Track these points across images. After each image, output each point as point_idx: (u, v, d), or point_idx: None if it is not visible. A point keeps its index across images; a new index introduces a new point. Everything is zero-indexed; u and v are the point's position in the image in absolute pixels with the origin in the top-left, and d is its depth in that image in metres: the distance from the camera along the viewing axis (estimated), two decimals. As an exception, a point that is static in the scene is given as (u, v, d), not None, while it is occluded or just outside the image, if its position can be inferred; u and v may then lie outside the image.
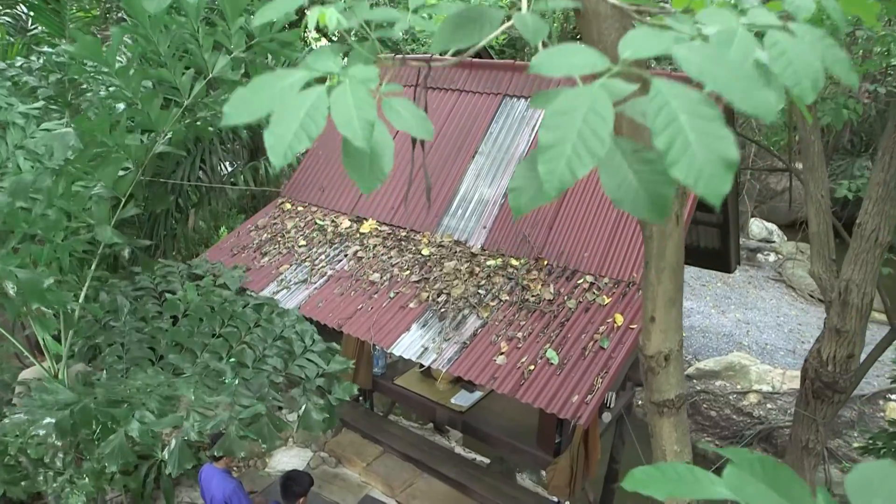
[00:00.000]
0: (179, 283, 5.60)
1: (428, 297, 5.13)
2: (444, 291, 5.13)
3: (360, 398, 7.80)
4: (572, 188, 5.51)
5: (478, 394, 7.08)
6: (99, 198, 4.36)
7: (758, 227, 16.75)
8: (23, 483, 4.62)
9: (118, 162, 4.28)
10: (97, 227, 4.27)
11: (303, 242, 6.22)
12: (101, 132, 3.96)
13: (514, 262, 5.30)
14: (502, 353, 4.53)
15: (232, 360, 4.20)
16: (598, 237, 5.16)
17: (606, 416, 6.08)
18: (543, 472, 8.22)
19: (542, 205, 1.12)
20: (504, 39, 14.29)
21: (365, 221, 6.28)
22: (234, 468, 5.95)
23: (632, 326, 4.49)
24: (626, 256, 4.98)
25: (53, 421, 3.15)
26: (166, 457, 3.47)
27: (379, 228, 6.14)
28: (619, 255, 5.01)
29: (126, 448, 3.40)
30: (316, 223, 6.44)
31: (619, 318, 4.55)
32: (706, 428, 10.41)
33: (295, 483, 4.96)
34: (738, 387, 10.83)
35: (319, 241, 6.18)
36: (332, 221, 6.40)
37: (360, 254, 5.84)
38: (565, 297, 4.86)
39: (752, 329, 12.33)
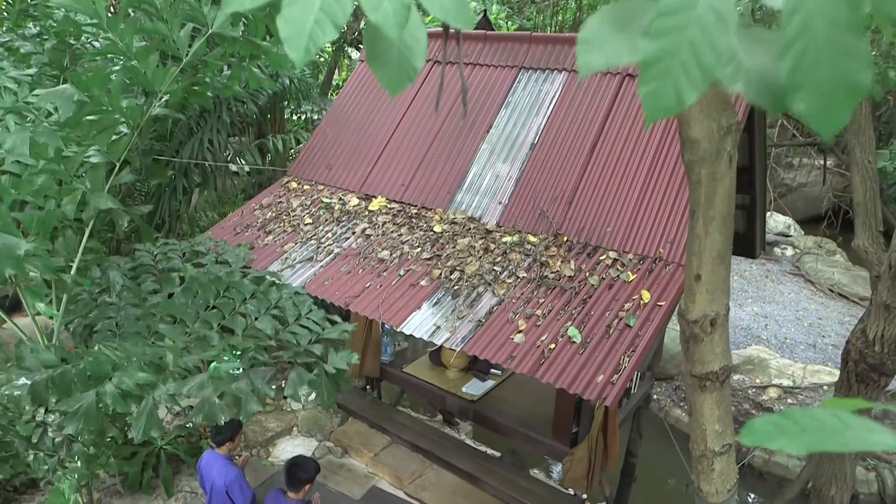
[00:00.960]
0: (180, 260, 5.34)
1: (440, 274, 4.84)
2: (458, 268, 4.84)
3: (368, 387, 7.52)
4: (594, 158, 5.20)
5: (490, 382, 6.79)
6: (93, 163, 4.10)
7: (774, 220, 16.37)
8: (10, 463, 4.37)
9: (113, 124, 4.01)
10: (91, 193, 4.01)
11: (308, 220, 5.94)
12: (98, 87, 3.69)
13: (531, 238, 5.00)
14: (520, 332, 4.23)
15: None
16: (621, 211, 4.86)
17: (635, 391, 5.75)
18: (557, 470, 7.94)
19: (618, 64, 0.82)
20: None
21: (374, 199, 6.00)
22: (237, 456, 5.69)
23: (660, 303, 4.19)
24: (651, 231, 4.68)
25: (28, 382, 2.87)
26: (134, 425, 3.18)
27: (388, 206, 5.85)
28: (644, 230, 4.71)
29: (94, 412, 3.12)
30: (322, 201, 6.16)
31: (646, 295, 4.25)
32: (724, 423, 10.05)
33: (301, 469, 4.68)
34: (758, 381, 10.49)
35: (326, 220, 5.90)
36: (340, 199, 6.12)
37: (368, 231, 5.56)
38: (587, 274, 4.56)
39: (770, 323, 11.97)
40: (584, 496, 6.02)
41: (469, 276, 4.75)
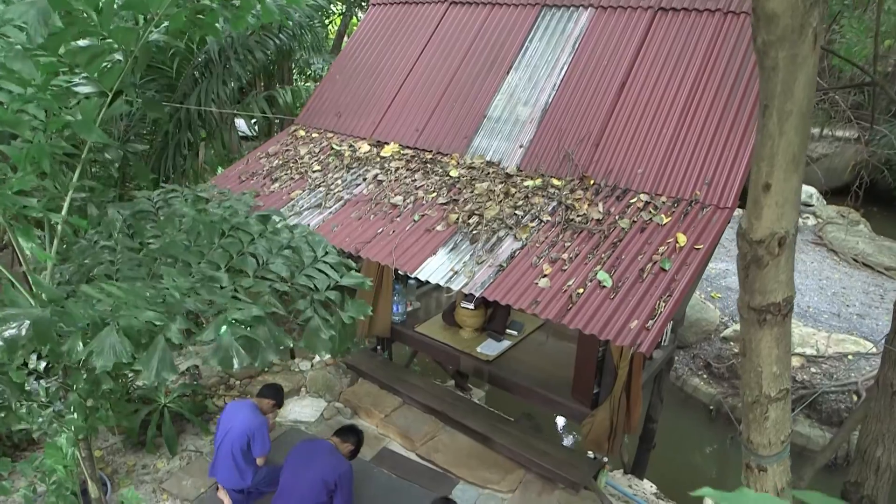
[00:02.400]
0: (183, 205, 5.05)
1: (458, 218, 4.52)
2: (476, 213, 4.51)
3: (378, 347, 7.26)
4: (623, 98, 4.84)
5: (506, 343, 6.50)
6: (82, 92, 3.78)
7: (796, 189, 15.85)
8: (3, 414, 4.13)
9: (104, 50, 3.68)
10: (79, 125, 3.70)
11: (317, 168, 5.62)
12: (84, 3, 3.36)
13: (555, 182, 4.66)
14: (545, 276, 3.91)
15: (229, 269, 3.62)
16: (653, 152, 4.50)
17: (657, 353, 5.46)
18: (568, 442, 7.68)
19: None
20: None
21: (386, 145, 5.66)
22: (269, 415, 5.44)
23: (697, 247, 3.85)
24: (686, 172, 4.32)
25: (27, 322, 2.59)
26: (143, 369, 2.89)
27: (401, 152, 5.52)
28: (678, 172, 4.36)
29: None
30: (332, 148, 5.84)
31: (682, 238, 3.91)
32: (744, 392, 9.75)
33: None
34: (780, 350, 10.15)
35: (336, 167, 5.58)
36: (350, 146, 5.79)
37: (380, 177, 5.23)
38: (616, 217, 4.22)
39: (792, 291, 11.58)
40: (605, 459, 5.75)
41: (488, 220, 4.42)
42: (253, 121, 10.40)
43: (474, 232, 4.36)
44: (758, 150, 2.04)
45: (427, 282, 7.79)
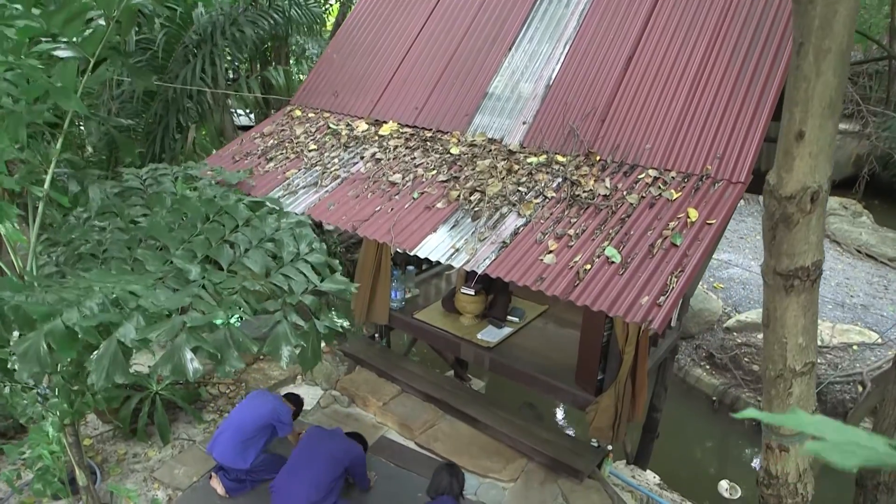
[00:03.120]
0: (172, 184, 4.87)
1: (459, 195, 4.35)
2: (478, 189, 4.34)
3: (376, 335, 7.09)
4: (630, 72, 4.66)
5: (507, 329, 6.34)
6: (61, 58, 3.59)
7: (798, 180, 15.69)
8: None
9: (81, 10, 3.48)
10: (59, 93, 3.51)
11: (313, 147, 5.44)
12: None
13: (560, 158, 4.49)
14: (550, 252, 3.74)
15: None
16: (662, 127, 4.33)
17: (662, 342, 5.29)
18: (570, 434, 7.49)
19: None
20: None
21: (384, 124, 5.48)
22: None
23: (709, 222, 3.68)
24: (697, 147, 4.15)
25: None
26: (93, 366, 2.72)
27: (400, 130, 5.34)
28: (688, 146, 4.19)
29: (41, 355, 2.66)
30: (329, 127, 5.66)
31: (694, 213, 3.75)
32: (748, 383, 9.62)
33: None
34: (784, 340, 10.01)
35: (332, 146, 5.40)
36: (348, 125, 5.61)
37: (378, 155, 5.06)
38: (624, 193, 4.05)
39: (796, 282, 11.43)
40: (609, 447, 5.59)
41: (491, 197, 4.25)
42: (249, 110, 10.22)
43: (476, 209, 4.19)
44: (790, 94, 1.87)
45: (426, 268, 7.68)
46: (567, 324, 6.56)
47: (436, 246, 4.02)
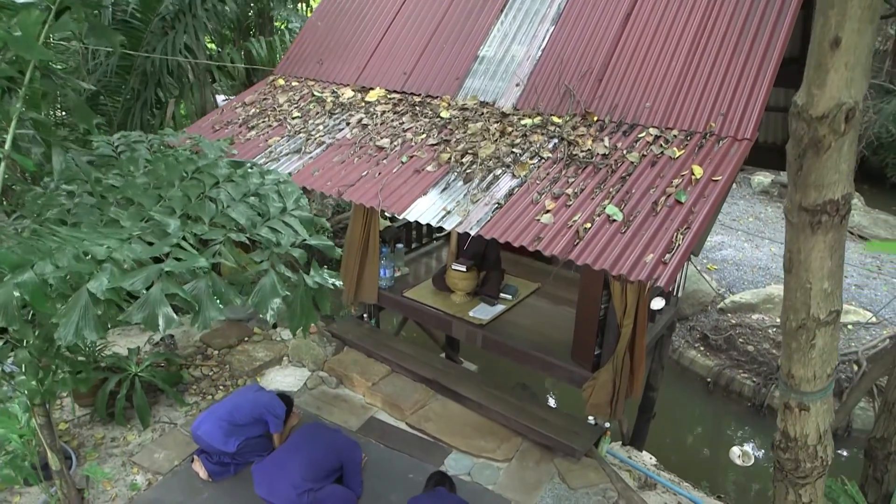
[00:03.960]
0: (148, 153, 4.61)
1: (450, 157, 4.13)
2: (470, 152, 4.12)
3: (365, 315, 6.87)
4: (628, 29, 4.45)
5: (500, 307, 6.14)
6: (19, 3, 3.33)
7: (789, 164, 15.62)
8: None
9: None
10: (19, 43, 3.25)
11: (297, 114, 5.20)
12: None
13: (555, 119, 4.28)
14: (548, 212, 3.54)
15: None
16: (662, 84, 4.13)
17: (658, 303, 5.11)
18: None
19: None
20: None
21: (371, 91, 5.25)
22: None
23: (714, 179, 3.49)
24: (700, 105, 3.96)
25: None
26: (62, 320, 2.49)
27: (388, 96, 5.11)
28: (689, 104, 3.99)
29: (10, 308, 2.43)
30: (314, 95, 5.41)
31: (698, 170, 3.55)
32: (742, 364, 9.49)
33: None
34: (778, 320, 9.89)
35: (317, 113, 5.16)
36: (333, 92, 5.37)
37: (364, 121, 4.83)
38: (624, 152, 3.85)
39: (789, 263, 11.33)
40: (607, 425, 5.41)
41: (483, 159, 4.04)
42: (234, 85, 9.92)
43: (468, 171, 3.97)
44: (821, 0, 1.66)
45: (416, 247, 7.46)
46: (561, 301, 6.37)
47: (426, 209, 3.80)
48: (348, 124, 4.83)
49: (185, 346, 6.65)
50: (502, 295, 6.31)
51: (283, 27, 9.30)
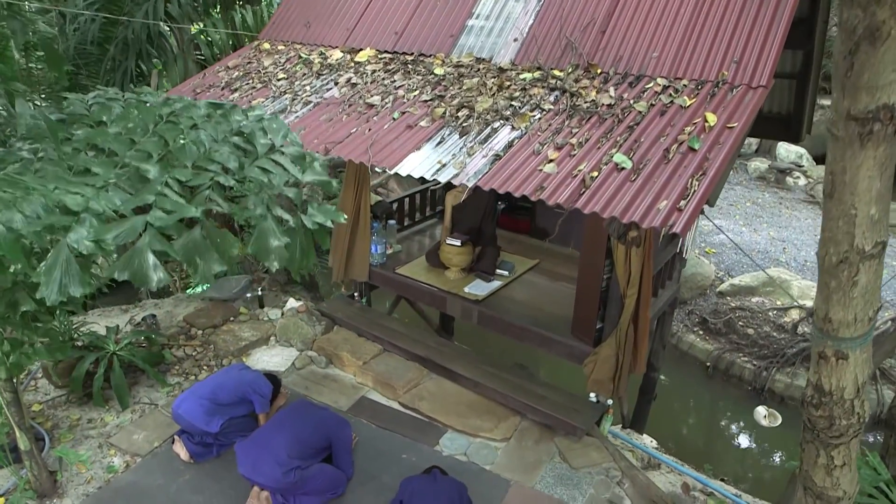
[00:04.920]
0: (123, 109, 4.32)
1: (444, 112, 3.87)
2: (466, 105, 3.86)
3: (356, 294, 6.61)
4: (634, -23, 4.20)
5: (496, 283, 5.90)
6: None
7: (786, 150, 15.54)
8: None
9: None
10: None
11: (282, 76, 4.93)
12: None
13: (556, 73, 4.03)
14: (551, 161, 3.29)
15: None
16: (670, 33, 3.89)
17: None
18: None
19: None
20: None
21: (361, 52, 4.97)
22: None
23: (730, 126, 3.25)
24: (711, 53, 3.72)
25: None
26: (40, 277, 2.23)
27: (378, 56, 4.84)
28: (700, 52, 3.75)
29: None
30: (300, 57, 5.14)
31: (712, 117, 3.31)
32: (742, 347, 9.28)
33: None
34: (779, 303, 9.70)
35: (304, 74, 4.89)
36: (321, 54, 5.10)
37: (354, 80, 4.56)
38: (631, 101, 3.60)
39: (788, 246, 11.18)
40: (609, 402, 5.17)
41: (480, 112, 3.78)
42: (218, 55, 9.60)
43: (465, 125, 3.71)
44: None
45: (409, 224, 7.19)
46: (560, 277, 6.13)
47: (419, 163, 3.54)
48: (336, 84, 4.57)
49: (168, 326, 6.36)
50: (499, 271, 6.07)
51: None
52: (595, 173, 3.12)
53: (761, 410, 7.13)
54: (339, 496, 4.35)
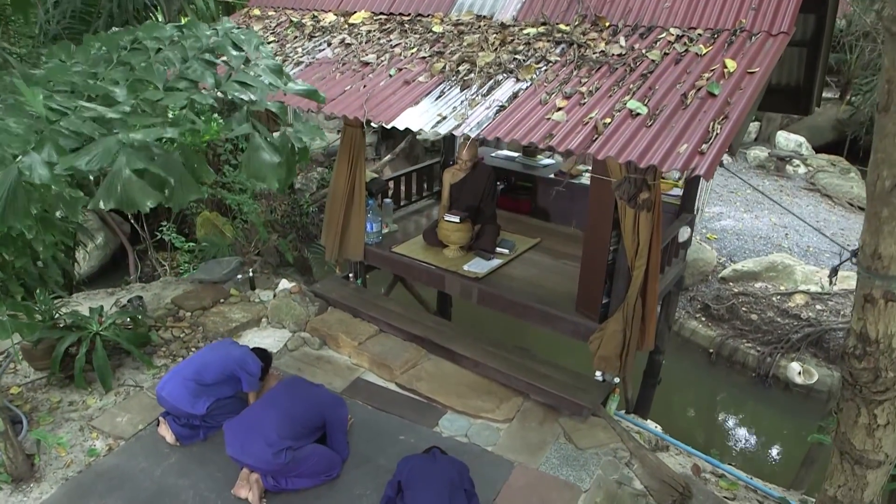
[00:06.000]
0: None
1: (444, 66, 3.64)
2: (467, 60, 3.64)
3: (351, 275, 6.37)
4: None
5: (496, 261, 5.67)
6: None
7: (785, 138, 15.40)
8: None
9: None
10: None
11: (273, 39, 4.69)
12: None
13: (562, 27, 3.80)
14: (560, 110, 3.06)
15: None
16: (683, -18, 3.66)
17: (685, 233, 4.68)
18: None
19: None
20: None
21: (355, 14, 4.74)
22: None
23: (750, 71, 3.03)
24: (727, 0, 3.49)
25: None
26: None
27: (374, 17, 4.61)
28: (715, 1, 3.52)
29: None
30: (291, 21, 4.90)
31: (731, 63, 3.09)
32: (746, 333, 9.09)
33: None
34: (782, 288, 9.51)
35: (295, 37, 4.66)
36: (314, 17, 4.86)
37: (348, 41, 4.33)
38: (643, 51, 3.38)
39: (790, 232, 11.01)
40: (616, 381, 4.96)
41: (483, 66, 3.55)
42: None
43: (466, 78, 3.48)
44: None
45: (405, 203, 6.96)
46: (562, 255, 5.91)
47: (417, 116, 3.31)
48: (329, 45, 4.34)
49: (156, 308, 6.12)
50: (499, 249, 5.84)
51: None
52: (608, 119, 2.90)
53: (795, 366, 6.87)
54: (334, 479, 4.11)
